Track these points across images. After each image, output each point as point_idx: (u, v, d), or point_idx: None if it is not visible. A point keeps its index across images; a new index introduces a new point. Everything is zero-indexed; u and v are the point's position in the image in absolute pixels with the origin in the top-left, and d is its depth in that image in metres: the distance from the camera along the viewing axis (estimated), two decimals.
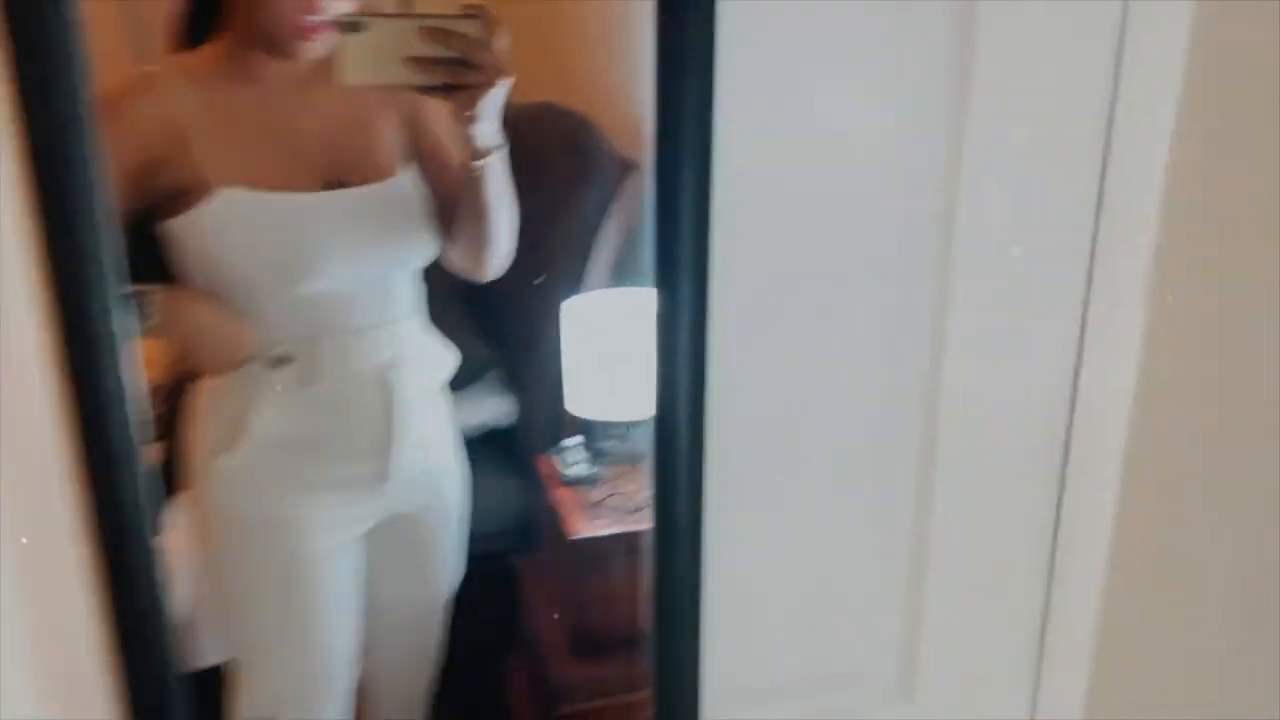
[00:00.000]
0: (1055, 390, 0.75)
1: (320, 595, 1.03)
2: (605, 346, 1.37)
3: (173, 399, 1.05)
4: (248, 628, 1.04)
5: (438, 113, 0.99)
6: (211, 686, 1.04)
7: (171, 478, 1.03)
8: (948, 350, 0.71)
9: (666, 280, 0.63)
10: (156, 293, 0.93)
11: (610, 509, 1.44)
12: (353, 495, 1.03)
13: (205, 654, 1.04)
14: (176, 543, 0.99)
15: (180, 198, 0.90)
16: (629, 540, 1.40)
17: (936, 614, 0.79)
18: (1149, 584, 0.79)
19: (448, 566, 1.20)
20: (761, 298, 0.68)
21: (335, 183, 0.96)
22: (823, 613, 0.77)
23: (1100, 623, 0.82)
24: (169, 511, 1.01)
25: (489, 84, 0.84)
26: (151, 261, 0.93)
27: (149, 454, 0.59)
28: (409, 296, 1.04)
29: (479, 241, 0.99)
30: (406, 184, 1.00)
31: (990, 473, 0.76)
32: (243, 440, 0.96)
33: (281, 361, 0.95)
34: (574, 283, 1.46)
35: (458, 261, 1.03)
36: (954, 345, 0.71)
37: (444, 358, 1.12)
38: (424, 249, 1.01)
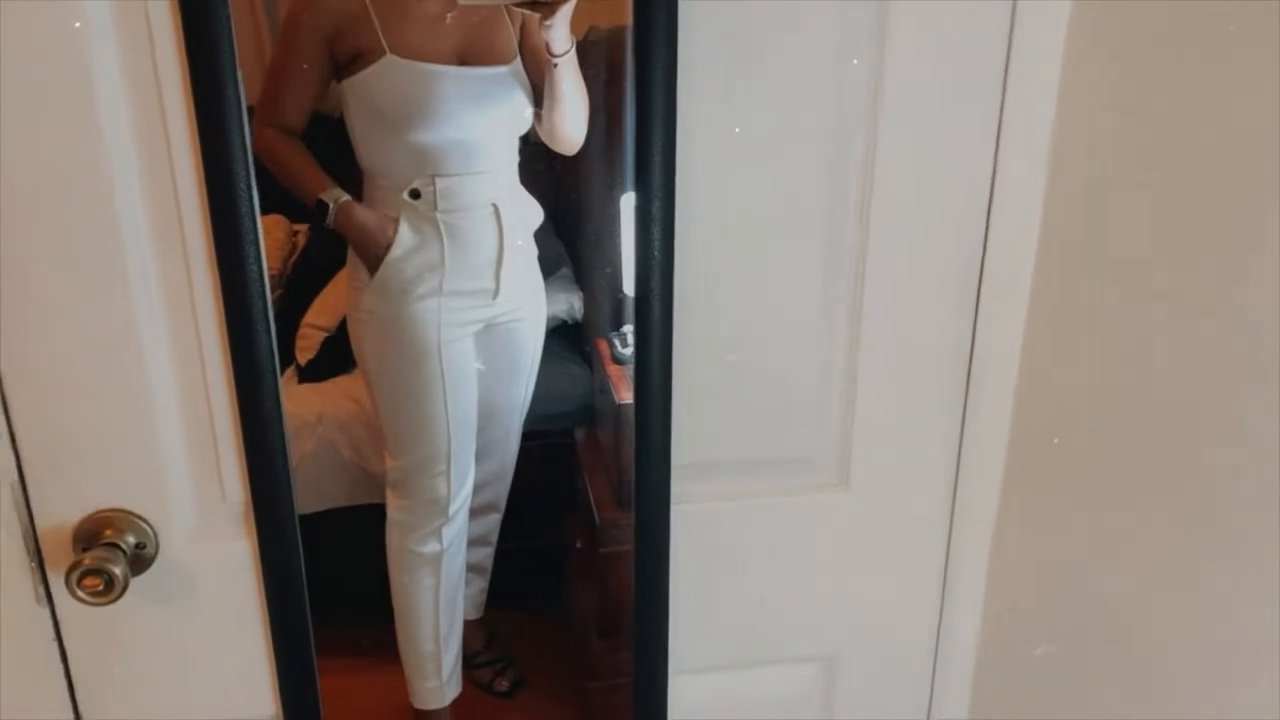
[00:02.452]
0: (971, 214, 0.92)
1: (442, 374, 1.39)
2: None
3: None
4: (392, 406, 1.41)
5: (532, 22, 1.31)
6: None
7: None
8: (876, 184, 0.89)
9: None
10: (333, 202, 1.30)
11: None
12: (470, 303, 1.39)
13: None
14: None
15: (358, 59, 1.25)
16: None
17: (867, 413, 0.97)
18: (1057, 391, 0.95)
19: (530, 375, 1.56)
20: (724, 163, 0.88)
21: (465, 62, 1.30)
22: (773, 407, 0.96)
23: (1013, 430, 0.98)
24: None
25: (559, 3, 1.18)
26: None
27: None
28: (510, 154, 1.37)
29: (557, 121, 1.31)
30: (513, 71, 1.33)
31: (914, 286, 0.93)
32: (389, 257, 1.32)
33: (415, 195, 1.29)
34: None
35: (545, 136, 1.36)
36: (881, 170, 0.88)
37: (535, 207, 1.45)
38: (522, 120, 1.35)
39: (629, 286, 1.61)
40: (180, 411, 0.88)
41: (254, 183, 0.81)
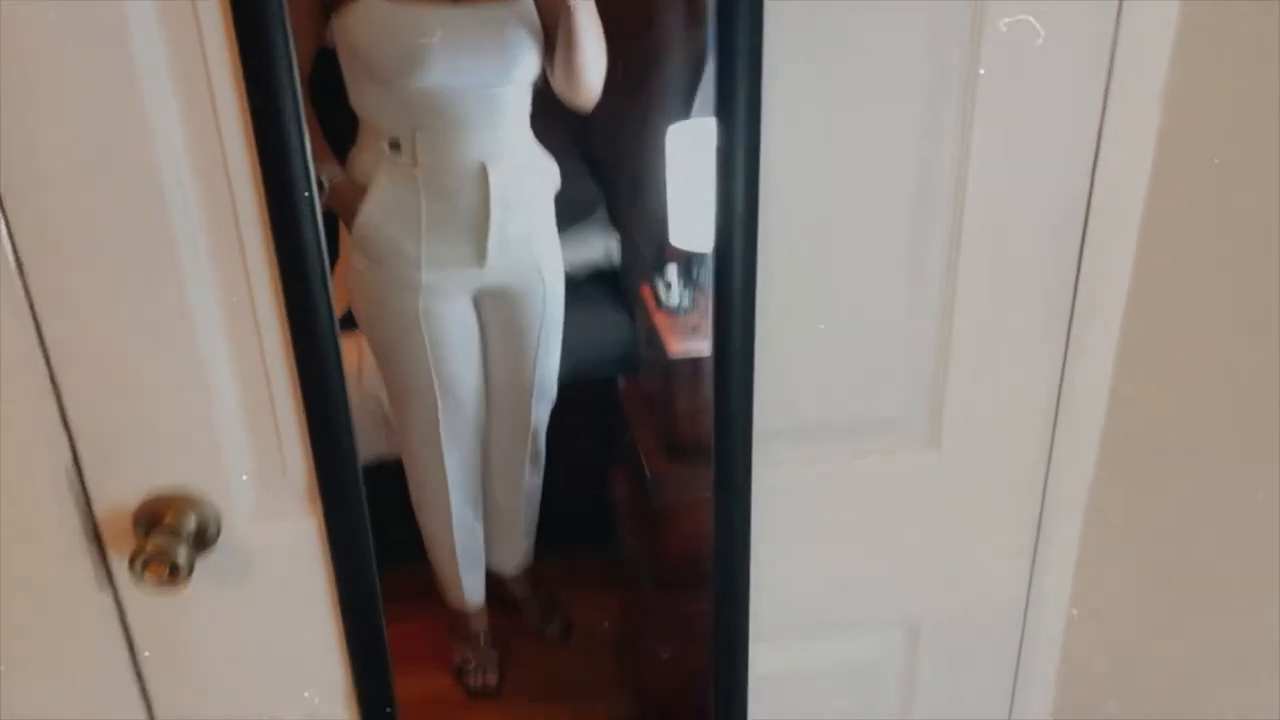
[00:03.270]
0: (1076, 166, 0.85)
1: (426, 342, 1.27)
2: (706, 173, 1.48)
3: None
4: (388, 374, 1.29)
5: None
6: None
7: None
8: (975, 126, 0.81)
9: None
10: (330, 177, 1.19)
11: (704, 332, 1.59)
12: (454, 271, 1.25)
13: None
14: None
15: None
16: None
17: (960, 374, 0.91)
18: (1159, 353, 0.89)
19: (541, 352, 1.42)
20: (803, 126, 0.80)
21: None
22: (860, 366, 0.90)
23: (1113, 388, 0.93)
24: None
25: None
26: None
27: None
28: (514, 108, 1.21)
29: (572, 69, 1.16)
30: (517, 11, 1.17)
31: (1013, 238, 0.87)
32: (364, 208, 1.18)
33: (394, 146, 1.15)
34: (679, 116, 1.58)
35: (558, 86, 1.20)
36: (981, 121, 0.81)
37: (549, 168, 1.29)
38: (526, 67, 1.18)
39: (675, 230, 1.55)
40: (237, 386, 0.83)
41: (306, 137, 0.75)
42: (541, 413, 1.48)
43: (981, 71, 0.80)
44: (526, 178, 1.26)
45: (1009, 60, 0.80)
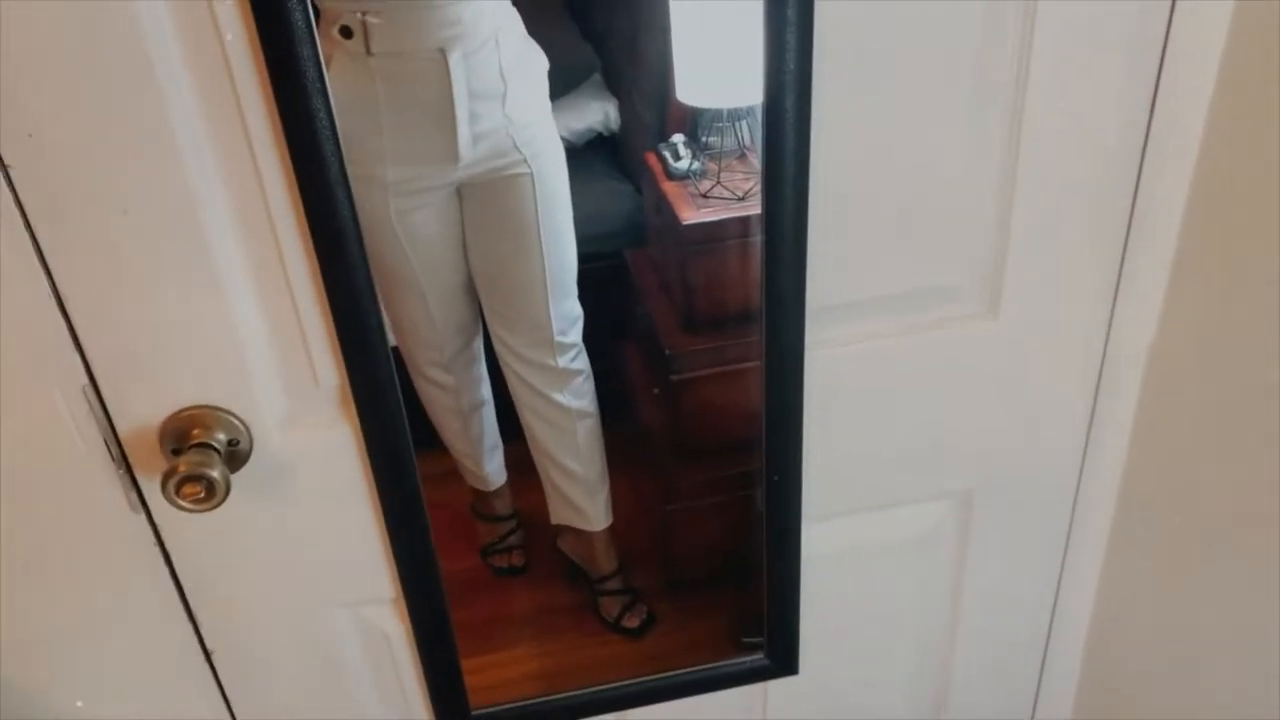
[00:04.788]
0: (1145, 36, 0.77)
1: (411, 242, 1.15)
2: (714, 21, 1.37)
3: None
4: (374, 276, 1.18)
5: None
6: None
7: None
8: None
9: None
10: None
11: (716, 199, 1.52)
12: (425, 169, 1.12)
13: None
14: None
15: None
16: (738, 225, 1.48)
17: (1022, 240, 0.86)
18: (1227, 233, 0.83)
19: (547, 246, 1.29)
20: None
21: None
22: (918, 233, 0.85)
23: (1176, 257, 0.88)
24: None
25: None
26: None
27: None
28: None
29: None
30: None
31: (1077, 117, 0.80)
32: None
33: (345, 32, 1.01)
34: None
35: None
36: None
37: (530, 49, 1.15)
38: None
39: (682, 85, 1.46)
40: (256, 292, 0.77)
41: (311, 14, 0.67)
42: (564, 313, 1.35)
43: None
44: (502, 59, 1.12)
45: None
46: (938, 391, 0.93)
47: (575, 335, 1.38)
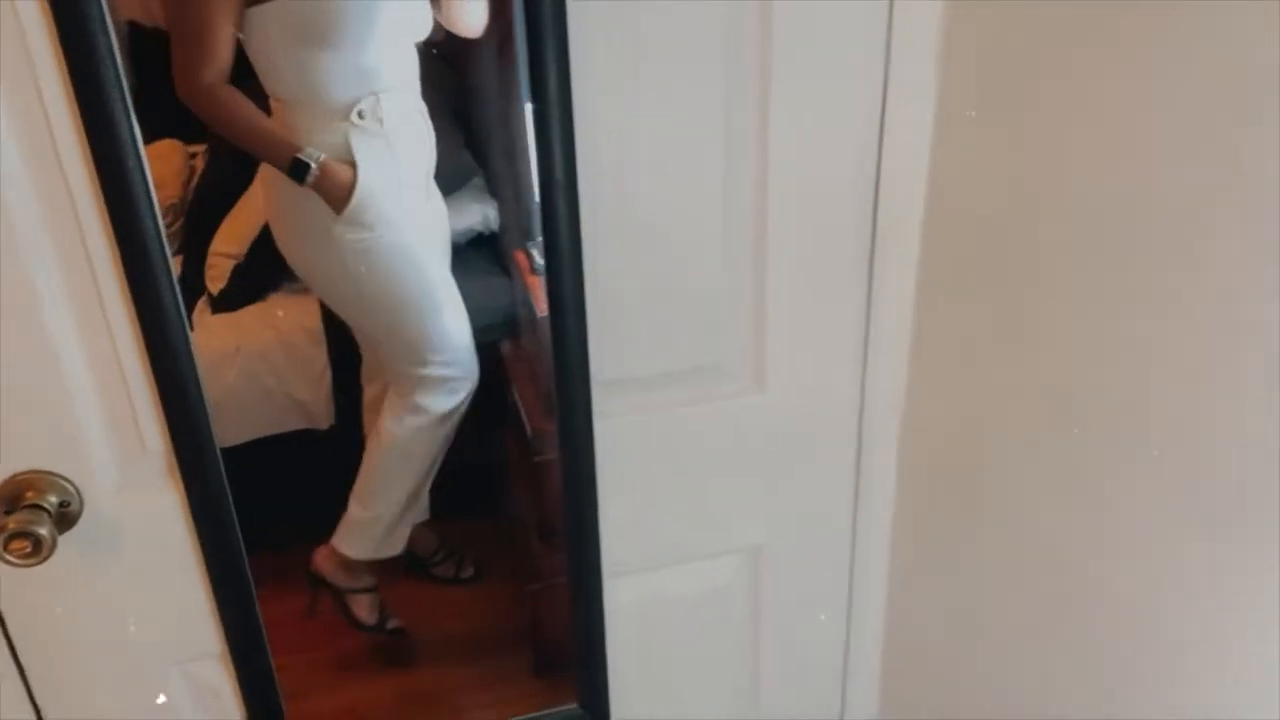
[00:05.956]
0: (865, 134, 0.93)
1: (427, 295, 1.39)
2: None
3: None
4: (413, 319, 1.41)
5: None
6: None
7: None
8: (774, 82, 0.89)
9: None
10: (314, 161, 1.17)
11: None
12: (421, 208, 1.32)
13: None
14: None
15: None
16: None
17: (778, 318, 1.00)
18: (953, 291, 0.98)
19: None
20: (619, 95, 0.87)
21: None
22: (686, 319, 0.98)
23: (914, 325, 1.02)
24: None
25: None
26: None
27: None
28: (415, 65, 1.25)
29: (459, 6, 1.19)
30: None
31: (815, 190, 0.95)
32: (361, 181, 1.22)
33: (362, 115, 1.19)
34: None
35: (445, 19, 1.22)
36: (778, 71, 0.89)
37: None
38: (424, 20, 1.22)
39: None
40: (88, 365, 0.86)
41: (129, 104, 0.77)
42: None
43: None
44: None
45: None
46: (719, 456, 1.05)
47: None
